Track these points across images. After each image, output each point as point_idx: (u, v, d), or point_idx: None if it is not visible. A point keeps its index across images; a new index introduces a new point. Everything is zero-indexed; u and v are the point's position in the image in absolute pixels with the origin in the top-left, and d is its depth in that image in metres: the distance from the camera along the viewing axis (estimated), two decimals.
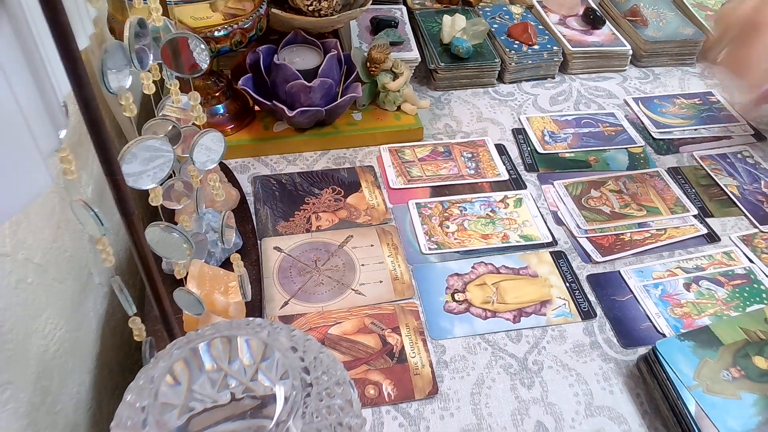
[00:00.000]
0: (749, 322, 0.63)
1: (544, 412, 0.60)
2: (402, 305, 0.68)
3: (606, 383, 0.62)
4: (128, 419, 0.34)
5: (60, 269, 0.54)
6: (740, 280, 0.72)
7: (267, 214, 0.78)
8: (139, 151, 0.39)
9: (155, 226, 0.43)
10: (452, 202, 0.81)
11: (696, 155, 0.91)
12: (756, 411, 0.55)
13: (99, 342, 0.61)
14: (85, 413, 0.56)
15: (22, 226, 0.48)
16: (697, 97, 1.03)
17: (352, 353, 0.64)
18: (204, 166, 0.49)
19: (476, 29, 1.02)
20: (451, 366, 0.63)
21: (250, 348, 0.37)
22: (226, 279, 0.62)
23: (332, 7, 0.87)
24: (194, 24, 0.76)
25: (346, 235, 0.76)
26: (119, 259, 0.71)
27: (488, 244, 0.76)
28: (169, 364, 0.36)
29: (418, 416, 0.59)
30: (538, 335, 0.66)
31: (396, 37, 1.04)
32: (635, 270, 0.73)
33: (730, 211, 0.82)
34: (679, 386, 0.57)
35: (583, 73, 1.08)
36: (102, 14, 0.75)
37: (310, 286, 0.70)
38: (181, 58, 0.45)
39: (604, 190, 0.84)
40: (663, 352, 0.60)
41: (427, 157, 0.88)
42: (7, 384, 0.44)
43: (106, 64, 0.36)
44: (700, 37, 1.10)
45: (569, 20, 1.14)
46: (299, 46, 0.89)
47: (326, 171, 0.85)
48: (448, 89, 1.03)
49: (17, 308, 0.46)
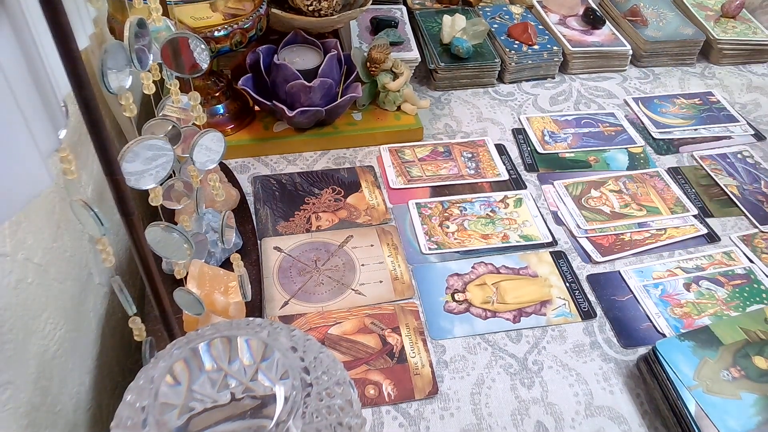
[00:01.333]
0: (749, 322, 0.63)
1: (544, 412, 0.60)
2: (402, 305, 0.68)
3: (606, 383, 0.62)
4: (128, 419, 0.34)
5: (60, 269, 0.54)
6: (740, 280, 0.72)
7: (267, 214, 0.78)
8: (141, 150, 0.39)
9: (155, 226, 0.43)
10: (452, 202, 0.81)
11: (696, 155, 0.91)
12: (756, 411, 0.55)
13: (99, 342, 0.61)
14: (85, 413, 0.56)
15: (22, 226, 0.48)
16: (697, 97, 1.03)
17: (352, 353, 0.64)
18: (204, 166, 0.49)
19: (476, 29, 1.02)
20: (451, 366, 0.63)
21: (250, 348, 0.37)
22: (226, 279, 0.62)
23: (332, 7, 0.87)
24: (194, 24, 0.76)
25: (346, 235, 0.76)
26: (119, 259, 0.71)
27: (488, 244, 0.76)
28: (169, 364, 0.36)
29: (418, 416, 0.59)
30: (538, 335, 0.66)
31: (396, 37, 1.04)
32: (635, 270, 0.73)
33: (730, 211, 0.83)
34: (679, 386, 0.57)
35: (583, 73, 1.09)
36: (102, 14, 0.75)
37: (310, 286, 0.70)
38: (181, 58, 0.45)
39: (604, 190, 0.84)
40: (663, 352, 0.60)
41: (427, 157, 0.88)
42: (7, 384, 0.44)
43: (106, 64, 0.36)
44: (700, 37, 1.10)
45: (569, 20, 1.14)
46: (299, 46, 0.89)
47: (326, 171, 0.85)
48: (448, 89, 1.03)
49: (17, 308, 0.46)
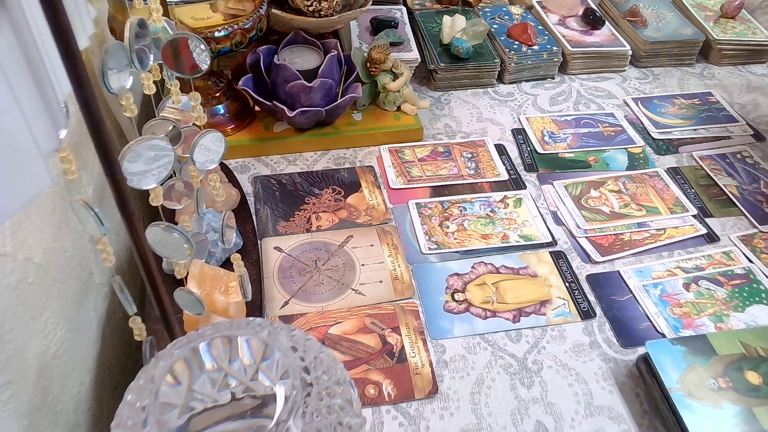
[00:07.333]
0: (752, 337, 0.62)
1: (543, 412, 0.60)
2: (402, 305, 0.69)
3: (605, 383, 0.62)
4: (129, 419, 0.34)
5: (60, 269, 0.54)
6: (740, 280, 0.72)
7: (267, 214, 0.78)
8: (143, 150, 0.39)
9: (156, 226, 0.43)
10: (452, 202, 0.81)
11: (695, 155, 0.91)
12: (736, 422, 0.55)
13: (99, 342, 0.61)
14: (85, 413, 0.56)
15: (22, 226, 0.48)
16: (697, 98, 1.04)
17: (352, 353, 0.64)
18: (204, 166, 0.49)
19: (476, 30, 1.03)
20: (450, 366, 0.63)
21: (250, 348, 0.37)
22: (227, 279, 0.62)
23: (332, 7, 0.87)
24: (194, 24, 0.76)
25: (346, 235, 0.76)
26: (120, 259, 0.71)
27: (488, 244, 0.76)
28: (169, 363, 0.36)
29: (418, 416, 0.59)
30: (537, 335, 0.66)
31: (396, 37, 1.04)
32: (635, 270, 0.73)
33: (730, 211, 0.83)
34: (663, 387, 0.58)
35: (583, 74, 1.09)
36: (102, 14, 0.75)
37: (310, 286, 0.70)
38: (182, 59, 0.45)
39: (604, 190, 0.84)
40: (651, 352, 0.60)
41: (427, 157, 0.88)
42: (8, 384, 0.44)
43: (107, 64, 0.36)
44: (699, 38, 1.10)
45: (569, 21, 1.14)
46: (299, 46, 0.89)
47: (326, 171, 0.85)
48: (448, 89, 1.03)
49: (18, 308, 0.46)
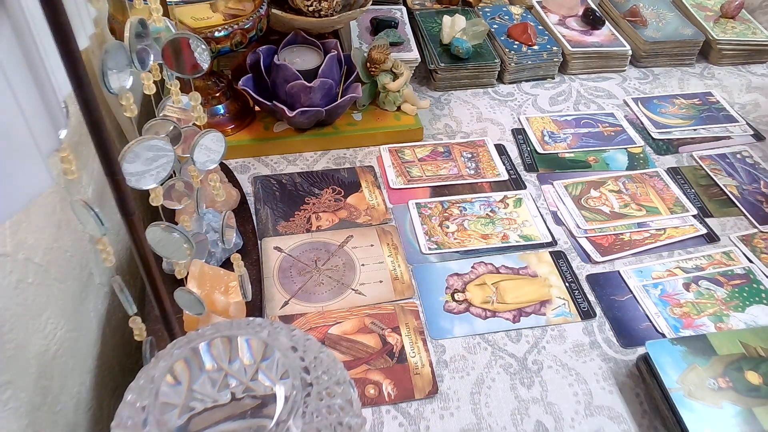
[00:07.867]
0: (752, 337, 0.62)
1: (543, 412, 0.60)
2: (402, 305, 0.69)
3: (605, 383, 0.62)
4: (129, 419, 0.34)
5: (60, 269, 0.54)
6: (739, 280, 0.72)
7: (267, 214, 0.78)
8: (142, 150, 0.39)
9: (156, 226, 0.43)
10: (452, 202, 0.81)
11: (695, 155, 0.91)
12: (736, 422, 0.55)
13: (99, 342, 0.61)
14: (85, 413, 0.57)
15: (22, 226, 0.48)
16: (697, 98, 1.04)
17: (352, 353, 0.64)
18: (204, 166, 0.49)
19: (476, 30, 1.03)
20: (450, 366, 0.63)
21: (250, 348, 0.37)
22: (227, 279, 0.62)
23: (332, 7, 0.87)
24: (195, 24, 0.76)
25: (346, 235, 0.76)
26: (120, 259, 0.71)
27: (488, 244, 0.76)
28: (169, 363, 0.36)
29: (418, 416, 0.59)
30: (537, 335, 0.66)
31: (396, 37, 1.04)
32: (635, 270, 0.73)
33: (730, 211, 0.83)
34: (663, 387, 0.58)
35: (583, 74, 1.09)
36: (102, 14, 0.75)
37: (310, 286, 0.70)
38: (182, 59, 0.45)
39: (604, 190, 0.84)
40: (651, 352, 0.60)
41: (427, 157, 0.88)
42: (8, 384, 0.44)
43: (107, 64, 0.36)
44: (699, 38, 1.10)
45: (569, 21, 1.14)
46: (299, 46, 0.89)
47: (326, 171, 0.85)
48: (448, 89, 1.03)
49: (18, 308, 0.46)
